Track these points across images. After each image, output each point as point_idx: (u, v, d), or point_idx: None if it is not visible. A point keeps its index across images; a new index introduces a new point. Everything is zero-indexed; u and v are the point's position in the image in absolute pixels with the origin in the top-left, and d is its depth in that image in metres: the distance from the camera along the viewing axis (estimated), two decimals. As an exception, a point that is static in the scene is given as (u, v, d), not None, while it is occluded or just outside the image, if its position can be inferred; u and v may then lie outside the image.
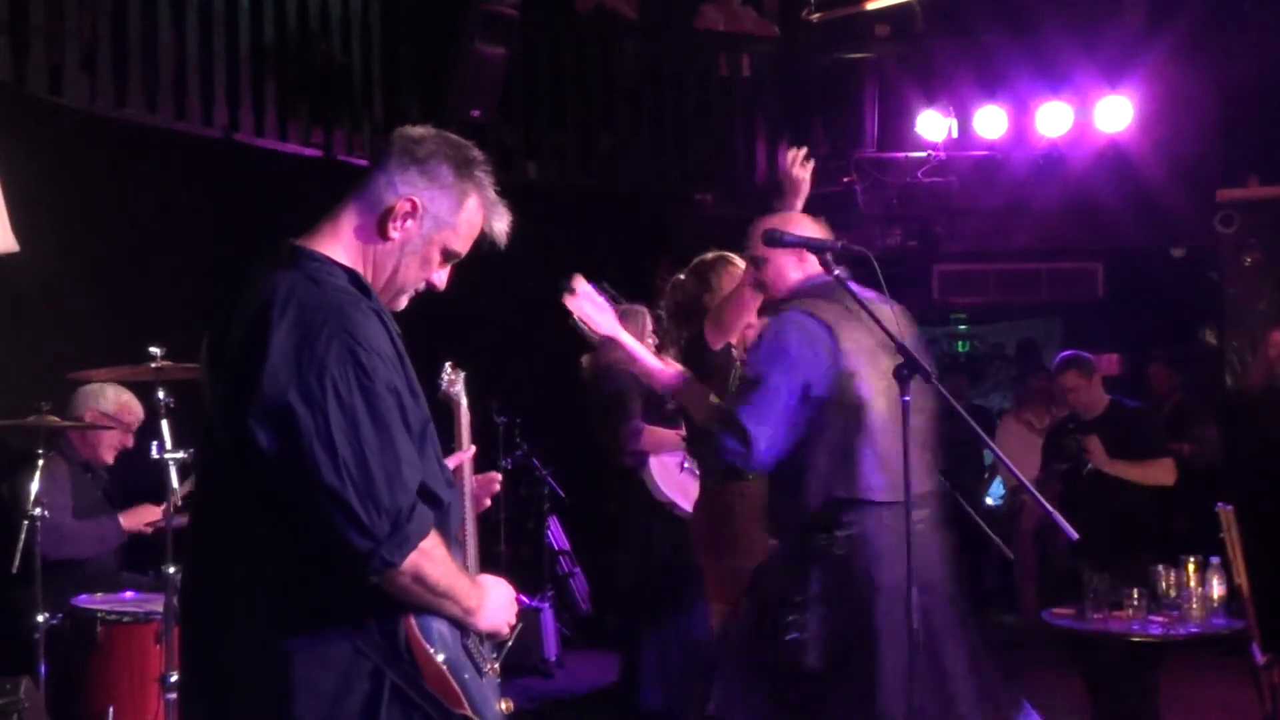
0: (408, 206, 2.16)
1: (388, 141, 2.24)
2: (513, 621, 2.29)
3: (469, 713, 2.11)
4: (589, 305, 3.61)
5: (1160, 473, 5.26)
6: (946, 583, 3.28)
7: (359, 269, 2.16)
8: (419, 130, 2.24)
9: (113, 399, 4.97)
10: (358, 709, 2.02)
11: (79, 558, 4.72)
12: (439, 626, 2.11)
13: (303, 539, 1.99)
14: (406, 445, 2.03)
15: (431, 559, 2.03)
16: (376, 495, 1.95)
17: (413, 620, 2.07)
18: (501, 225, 2.28)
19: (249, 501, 2.04)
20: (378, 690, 2.03)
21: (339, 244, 2.16)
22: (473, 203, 2.23)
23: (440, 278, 2.27)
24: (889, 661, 3.07)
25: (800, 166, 3.73)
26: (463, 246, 2.25)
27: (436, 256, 2.23)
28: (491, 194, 2.26)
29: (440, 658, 2.08)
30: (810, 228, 3.41)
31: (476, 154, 2.25)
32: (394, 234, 2.17)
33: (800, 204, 3.81)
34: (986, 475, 9.02)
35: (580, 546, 7.63)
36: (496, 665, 2.30)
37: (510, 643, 2.40)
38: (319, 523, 1.95)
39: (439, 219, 2.19)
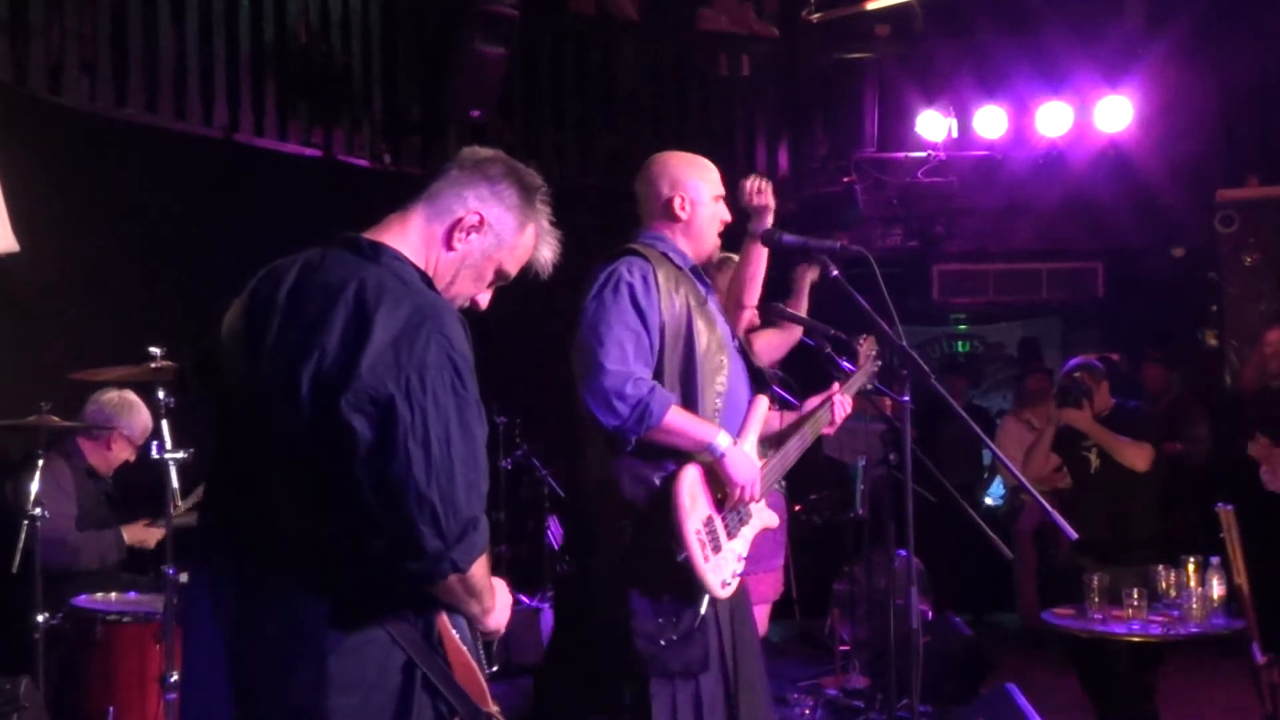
0: (475, 220, 2.21)
1: (454, 156, 2.29)
2: (506, 621, 2.31)
3: (492, 710, 2.14)
4: None
5: (1134, 453, 5.24)
6: None
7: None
8: (486, 151, 2.30)
9: (140, 420, 4.95)
10: (391, 701, 2.04)
11: (81, 568, 4.71)
12: (461, 622, 2.15)
13: (365, 531, 1.98)
14: (484, 456, 2.06)
15: (481, 564, 2.07)
16: (456, 501, 1.97)
17: (444, 614, 2.11)
18: (549, 255, 2.34)
19: (304, 484, 2.01)
20: (409, 683, 2.05)
21: (407, 246, 2.18)
22: (531, 229, 2.29)
23: (484, 298, 2.30)
24: None
25: (759, 195, 3.73)
26: (514, 269, 2.30)
27: (490, 275, 2.27)
28: (546, 223, 2.32)
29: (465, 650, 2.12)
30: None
31: (538, 181, 2.31)
32: (458, 245, 2.21)
33: (770, 219, 3.81)
34: (986, 475, 9.02)
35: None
36: (489, 669, 2.31)
37: (494, 646, 2.42)
38: (395, 517, 1.95)
39: (501, 238, 2.24)
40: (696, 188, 3.36)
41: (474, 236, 2.22)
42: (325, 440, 1.97)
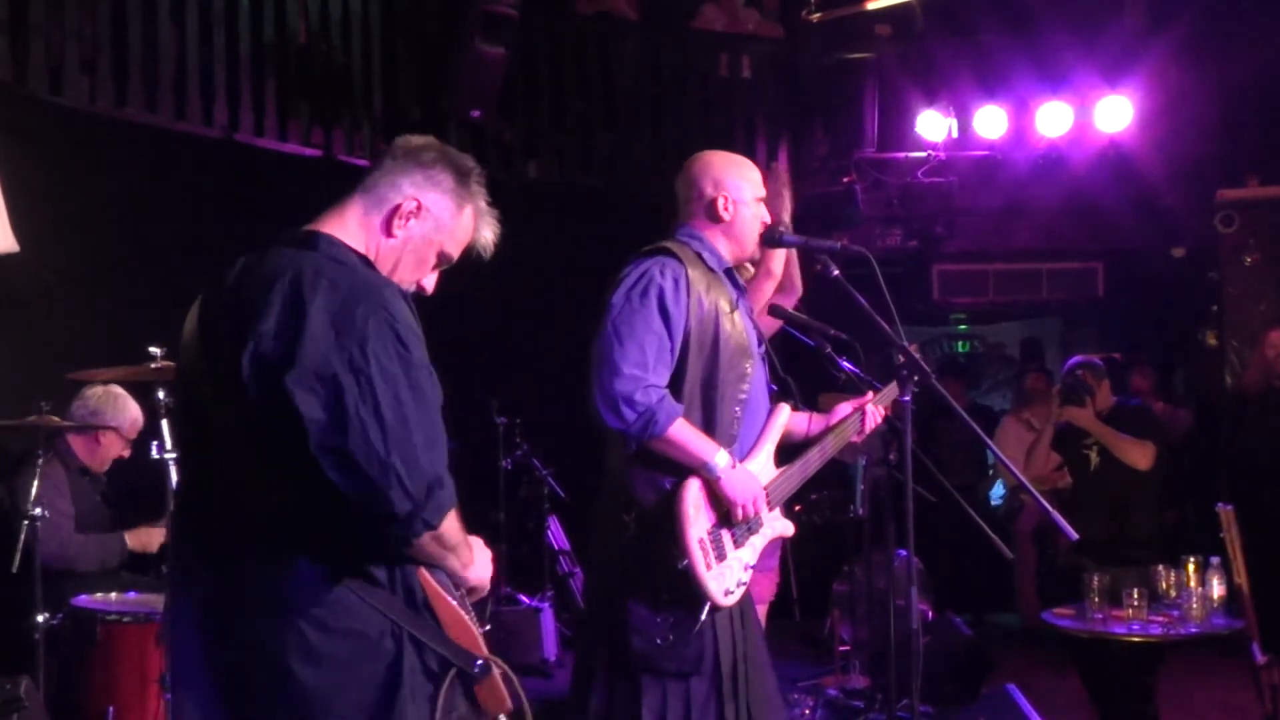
0: (412, 206, 2.26)
1: (388, 146, 2.33)
2: (491, 578, 2.33)
3: (488, 655, 2.19)
4: None
5: (1136, 451, 5.25)
6: None
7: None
8: (419, 139, 2.35)
9: (127, 412, 4.94)
10: (380, 666, 2.07)
11: (80, 571, 4.70)
12: (444, 578, 2.19)
13: (333, 504, 2.00)
14: (439, 418, 2.10)
15: (452, 519, 2.11)
16: (419, 461, 2.02)
17: (425, 573, 2.15)
18: (489, 235, 2.38)
19: (264, 466, 2.05)
20: (398, 647, 2.09)
21: (346, 235, 2.24)
22: (469, 210, 2.33)
23: (430, 281, 2.34)
24: None
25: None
26: (456, 251, 2.34)
27: (432, 259, 2.31)
28: (484, 204, 2.36)
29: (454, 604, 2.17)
30: None
31: (473, 164, 2.35)
32: (398, 232, 2.26)
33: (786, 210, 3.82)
34: (991, 474, 9.00)
35: (580, 546, 7.63)
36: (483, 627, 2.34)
37: (486, 609, 2.46)
38: (362, 486, 1.98)
39: (440, 221, 2.29)
40: (739, 188, 3.33)
41: (413, 222, 2.26)
42: (277, 422, 2.00)
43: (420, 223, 2.27)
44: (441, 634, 2.14)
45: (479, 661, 2.16)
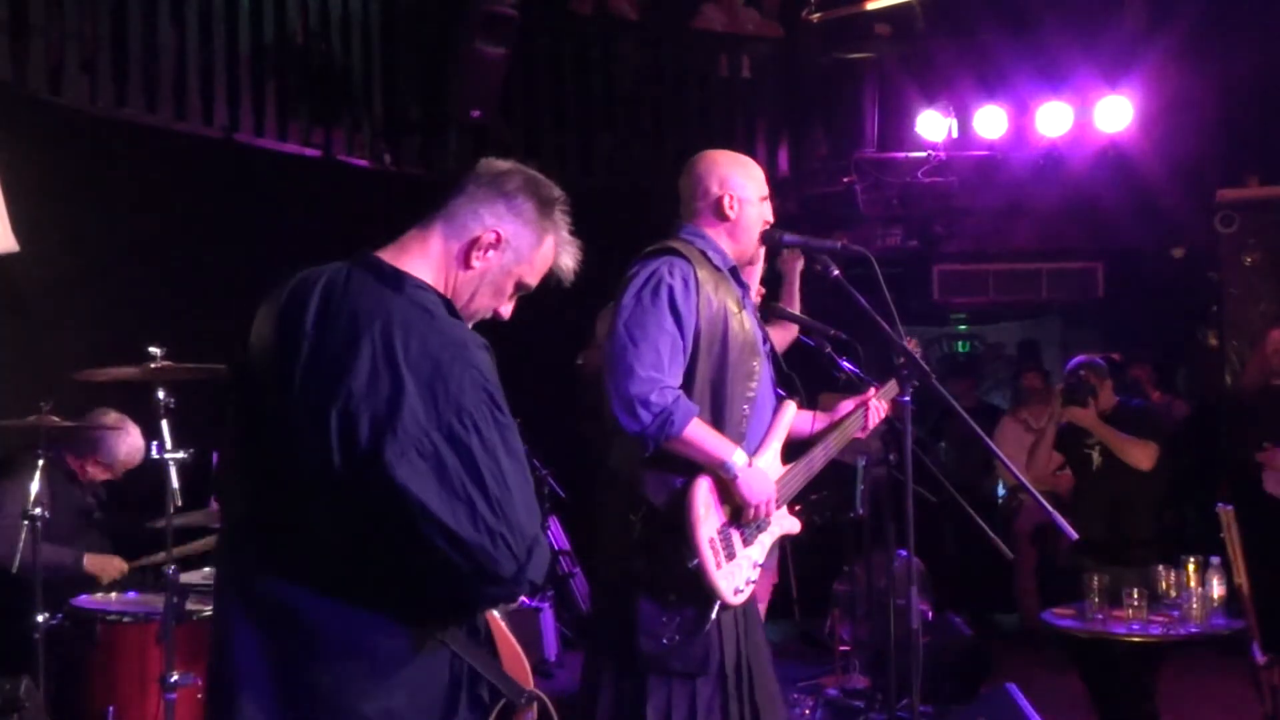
0: (492, 238, 2.23)
1: (472, 169, 2.30)
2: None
3: (534, 689, 2.25)
4: None
5: (1139, 452, 5.24)
6: None
7: (444, 293, 2.21)
8: (504, 164, 2.32)
9: (123, 452, 4.91)
10: (440, 694, 2.11)
11: (14, 571, 4.49)
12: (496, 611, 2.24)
13: (437, 568, 2.00)
14: (530, 475, 2.12)
15: None
16: (521, 524, 2.02)
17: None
18: (570, 262, 2.36)
19: (350, 520, 2.03)
20: (457, 679, 2.13)
21: (427, 266, 2.20)
22: (550, 240, 2.30)
23: (507, 309, 2.33)
24: None
25: None
26: (534, 280, 2.32)
27: (510, 288, 2.30)
28: (566, 233, 2.34)
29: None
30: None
31: (557, 192, 2.33)
32: (476, 263, 2.23)
33: None
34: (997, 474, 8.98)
35: (580, 546, 7.63)
36: None
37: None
38: (469, 556, 1.98)
39: (519, 252, 2.26)
40: (744, 187, 3.32)
41: (492, 254, 2.23)
42: (375, 493, 1.98)
43: (499, 254, 2.23)
44: (498, 667, 2.18)
45: (525, 694, 2.22)
